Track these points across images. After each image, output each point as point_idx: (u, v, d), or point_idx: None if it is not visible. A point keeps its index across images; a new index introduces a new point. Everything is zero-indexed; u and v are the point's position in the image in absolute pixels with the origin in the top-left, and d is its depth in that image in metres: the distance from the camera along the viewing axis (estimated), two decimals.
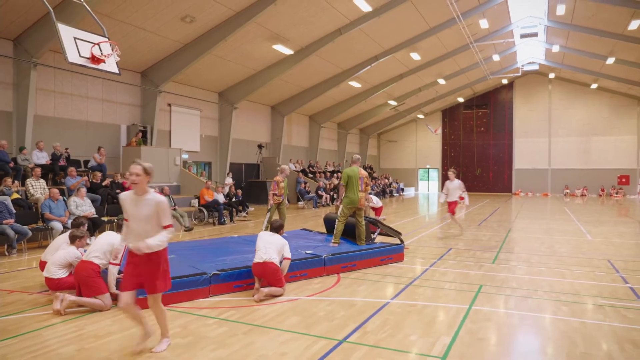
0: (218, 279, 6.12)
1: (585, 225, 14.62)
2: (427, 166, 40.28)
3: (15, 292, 6.24)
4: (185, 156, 18.97)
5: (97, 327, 4.82)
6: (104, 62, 8.56)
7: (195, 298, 5.85)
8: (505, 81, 35.77)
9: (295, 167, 25.00)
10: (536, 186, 36.09)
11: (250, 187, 22.51)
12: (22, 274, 7.48)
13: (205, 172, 21.14)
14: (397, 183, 35.54)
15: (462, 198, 27.02)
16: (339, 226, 8.37)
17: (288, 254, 6.30)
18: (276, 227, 6.61)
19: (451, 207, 12.64)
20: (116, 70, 8.87)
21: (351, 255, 7.73)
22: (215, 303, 5.75)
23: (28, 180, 11.04)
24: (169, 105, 18.72)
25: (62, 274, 5.69)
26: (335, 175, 27.64)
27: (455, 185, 12.50)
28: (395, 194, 33.41)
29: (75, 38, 8.28)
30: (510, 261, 8.56)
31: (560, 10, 19.85)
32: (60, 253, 5.81)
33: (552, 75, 33.87)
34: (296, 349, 4.25)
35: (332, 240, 8.37)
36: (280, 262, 6.16)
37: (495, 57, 26.81)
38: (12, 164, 11.67)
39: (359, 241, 8.40)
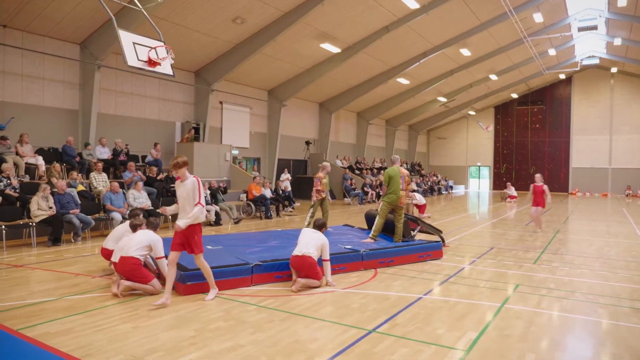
0: (260, 269, 6.53)
1: None
2: (478, 164, 39.39)
3: (81, 275, 6.94)
4: (235, 152, 19.74)
5: (149, 308, 5.33)
6: (160, 64, 9.19)
7: (239, 286, 6.27)
8: (562, 76, 34.31)
9: (342, 163, 25.27)
10: (595, 186, 34.42)
11: (298, 182, 23.01)
12: (86, 259, 8.24)
13: (256, 167, 21.86)
14: (446, 181, 35.00)
15: (512, 197, 26.13)
16: (378, 222, 8.58)
17: (327, 255, 6.53)
18: (319, 225, 6.87)
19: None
20: (170, 72, 9.46)
21: (389, 251, 7.93)
22: (257, 292, 6.15)
23: (91, 173, 11.99)
24: (221, 103, 19.51)
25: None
26: (381, 172, 27.68)
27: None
28: (443, 192, 32.96)
29: (134, 43, 8.93)
30: (553, 262, 8.45)
31: (622, 1, 18.94)
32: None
33: (614, 70, 32.15)
34: (327, 336, 4.56)
35: (370, 235, 8.60)
36: (319, 259, 6.46)
37: (551, 52, 25.83)
38: (77, 159, 12.71)
39: (396, 238, 8.57)
